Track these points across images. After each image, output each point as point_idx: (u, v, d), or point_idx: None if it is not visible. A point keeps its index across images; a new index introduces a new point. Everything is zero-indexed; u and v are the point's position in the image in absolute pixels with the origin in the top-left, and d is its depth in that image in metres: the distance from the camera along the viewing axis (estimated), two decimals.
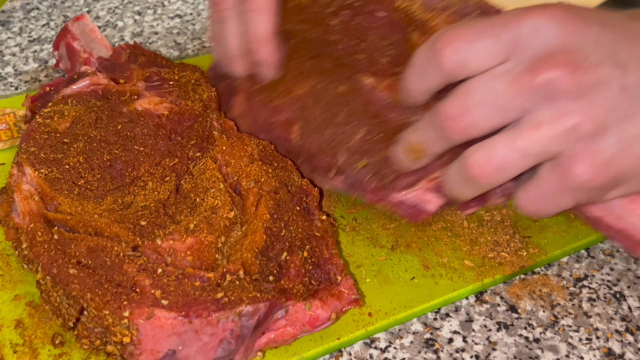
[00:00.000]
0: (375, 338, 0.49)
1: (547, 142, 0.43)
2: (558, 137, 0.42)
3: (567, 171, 0.43)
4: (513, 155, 0.43)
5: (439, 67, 0.44)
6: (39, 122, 0.55)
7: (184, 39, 0.80)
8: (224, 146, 0.53)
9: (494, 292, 0.53)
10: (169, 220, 0.49)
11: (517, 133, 0.43)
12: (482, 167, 0.44)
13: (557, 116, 0.42)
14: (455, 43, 0.44)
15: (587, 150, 0.42)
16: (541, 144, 0.43)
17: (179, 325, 0.42)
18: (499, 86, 0.43)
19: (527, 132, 0.43)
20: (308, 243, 0.48)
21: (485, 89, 0.43)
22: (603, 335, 0.50)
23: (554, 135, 0.42)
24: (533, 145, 0.43)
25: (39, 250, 0.46)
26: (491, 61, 0.43)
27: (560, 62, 0.41)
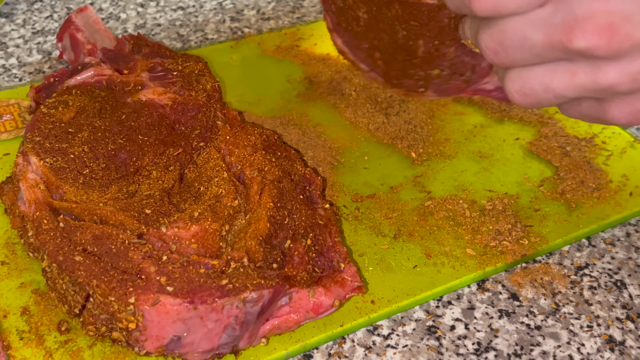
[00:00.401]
0: (378, 325, 0.50)
1: (582, 91, 0.42)
2: (595, 90, 0.42)
3: (603, 112, 0.43)
4: (547, 94, 0.43)
5: (472, 13, 0.43)
6: (43, 112, 0.56)
7: (186, 30, 0.80)
8: (227, 136, 0.54)
9: (496, 280, 0.53)
10: (174, 208, 0.49)
11: (554, 73, 0.42)
12: (515, 92, 0.44)
13: (594, 72, 0.41)
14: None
15: (625, 101, 0.42)
16: (576, 91, 0.42)
17: (184, 311, 0.42)
18: (535, 35, 0.41)
19: (564, 77, 0.42)
20: (311, 231, 0.49)
21: (522, 35, 0.41)
22: (604, 323, 0.50)
23: (591, 87, 0.41)
24: (568, 90, 0.42)
25: (45, 238, 0.46)
26: (528, 6, 0.41)
27: (598, 28, 0.39)
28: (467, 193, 0.59)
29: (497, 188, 0.59)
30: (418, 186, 0.59)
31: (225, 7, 0.85)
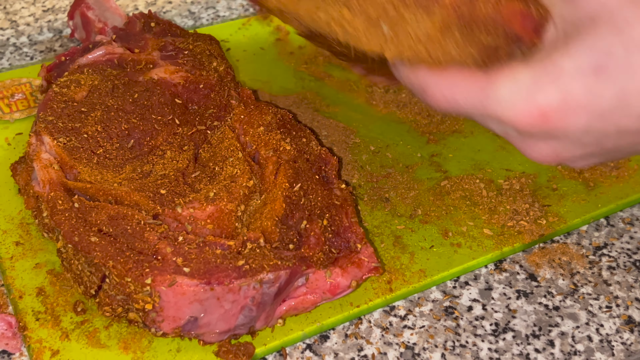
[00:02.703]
0: (395, 306, 0.49)
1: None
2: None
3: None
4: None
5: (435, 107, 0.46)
6: (55, 92, 0.55)
7: (198, 8, 0.79)
8: (242, 115, 0.53)
9: (513, 260, 0.53)
10: (189, 188, 0.49)
11: None
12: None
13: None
14: (442, 95, 0.44)
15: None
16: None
17: (200, 292, 0.42)
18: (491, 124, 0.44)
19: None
20: (327, 211, 0.48)
21: None
22: (623, 303, 0.50)
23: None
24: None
25: (60, 219, 0.46)
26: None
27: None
28: (484, 172, 0.58)
29: (515, 167, 0.59)
30: (434, 165, 0.59)
31: None
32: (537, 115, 0.40)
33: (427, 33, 0.44)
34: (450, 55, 0.44)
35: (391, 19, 0.45)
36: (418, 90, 0.45)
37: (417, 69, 0.45)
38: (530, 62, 0.41)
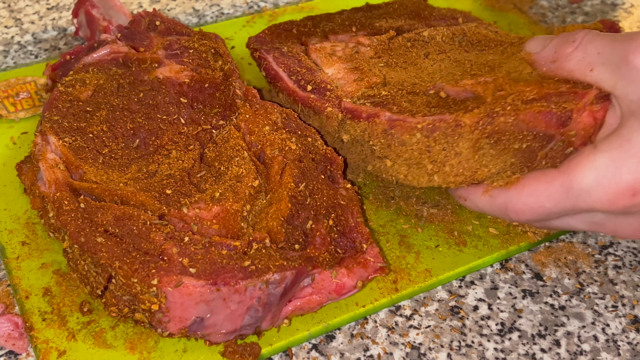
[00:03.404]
0: (401, 305, 0.49)
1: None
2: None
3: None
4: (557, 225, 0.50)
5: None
6: (60, 91, 0.55)
7: (202, 5, 0.79)
8: (247, 114, 0.53)
9: (519, 259, 0.53)
10: (194, 188, 0.49)
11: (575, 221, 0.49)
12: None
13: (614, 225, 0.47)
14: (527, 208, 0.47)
15: None
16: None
17: (207, 293, 0.42)
18: (577, 224, 0.49)
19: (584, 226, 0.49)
20: (333, 211, 0.48)
21: (566, 225, 0.50)
22: (629, 303, 0.50)
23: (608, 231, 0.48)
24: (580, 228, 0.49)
25: (66, 219, 0.46)
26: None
27: None
28: None
29: None
30: None
31: None
32: (627, 192, 0.43)
33: (464, 158, 0.46)
34: (491, 171, 0.46)
35: (428, 157, 0.48)
36: (498, 211, 0.48)
37: (492, 193, 0.48)
38: (603, 147, 0.44)
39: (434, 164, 0.48)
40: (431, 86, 0.52)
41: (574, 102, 0.46)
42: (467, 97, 0.50)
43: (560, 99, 0.47)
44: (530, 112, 0.46)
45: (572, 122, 0.46)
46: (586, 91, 0.46)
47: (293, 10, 0.77)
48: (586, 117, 0.46)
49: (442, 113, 0.48)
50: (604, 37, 0.46)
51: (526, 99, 0.47)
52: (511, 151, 0.47)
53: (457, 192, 0.51)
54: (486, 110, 0.47)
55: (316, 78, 0.55)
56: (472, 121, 0.47)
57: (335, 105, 0.52)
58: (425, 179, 0.49)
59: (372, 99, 0.52)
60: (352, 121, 0.51)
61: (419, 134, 0.48)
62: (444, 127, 0.47)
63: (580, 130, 0.46)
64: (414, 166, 0.49)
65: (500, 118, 0.46)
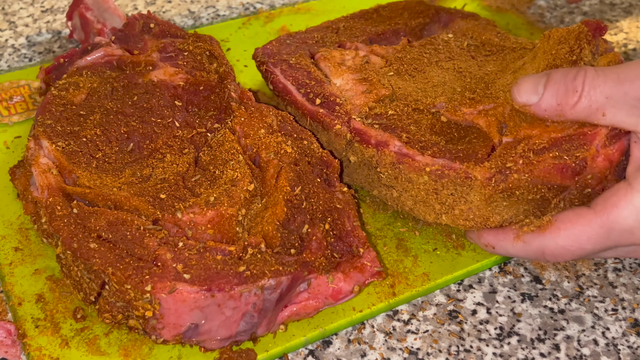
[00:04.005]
0: (398, 310, 0.49)
1: None
2: None
3: None
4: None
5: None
6: (54, 95, 0.55)
7: (197, 7, 0.79)
8: (242, 117, 0.53)
9: (518, 262, 0.52)
10: (189, 193, 0.48)
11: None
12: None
13: None
14: None
15: None
16: None
17: (201, 299, 0.42)
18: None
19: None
20: (329, 215, 0.48)
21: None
22: (629, 306, 0.49)
23: None
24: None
25: (58, 225, 0.45)
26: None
27: None
28: None
29: None
30: None
31: None
32: None
33: (475, 206, 0.47)
34: (504, 218, 0.47)
35: (436, 199, 0.48)
36: (533, 255, 0.47)
37: (525, 239, 0.47)
38: (639, 186, 0.44)
39: (442, 205, 0.48)
40: (432, 104, 0.52)
41: (586, 148, 0.46)
42: (470, 127, 0.50)
43: (571, 146, 0.46)
44: (544, 166, 0.45)
45: (588, 169, 0.46)
46: (595, 131, 0.46)
47: (289, 11, 0.76)
48: (602, 162, 0.46)
49: (452, 159, 0.47)
50: (606, 77, 0.44)
51: (537, 148, 0.46)
52: (525, 201, 0.47)
53: (483, 240, 0.49)
54: (497, 165, 0.46)
55: (325, 91, 0.54)
56: (484, 177, 0.46)
57: (345, 122, 0.52)
58: (432, 216, 0.49)
59: (380, 120, 0.51)
60: (360, 144, 0.51)
61: (426, 177, 0.47)
62: (453, 175, 0.47)
63: (596, 173, 0.46)
64: (421, 203, 0.49)
65: (514, 175, 0.46)
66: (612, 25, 0.77)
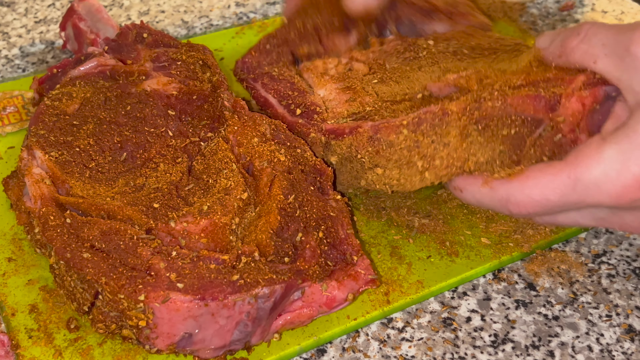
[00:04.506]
0: (393, 318, 0.49)
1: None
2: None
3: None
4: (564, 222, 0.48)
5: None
6: (47, 105, 0.55)
7: (191, 17, 0.79)
8: (235, 126, 0.53)
9: (512, 269, 0.52)
10: (182, 202, 0.48)
11: (582, 217, 0.47)
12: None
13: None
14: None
15: None
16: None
17: (195, 308, 0.42)
18: (583, 220, 0.47)
19: (591, 221, 0.47)
20: (323, 223, 0.48)
21: (571, 221, 0.48)
22: (623, 312, 0.49)
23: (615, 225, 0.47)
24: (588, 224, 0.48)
25: (51, 235, 0.45)
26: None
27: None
28: None
29: None
30: None
31: None
32: (634, 185, 0.41)
33: (453, 148, 0.46)
34: (480, 160, 0.46)
35: (418, 153, 0.48)
36: (498, 203, 0.46)
37: (493, 185, 0.46)
38: (611, 139, 0.42)
39: (424, 159, 0.48)
40: (413, 92, 0.52)
41: (562, 88, 0.46)
42: (451, 92, 0.50)
43: (548, 85, 0.46)
44: (518, 96, 0.45)
45: (561, 107, 0.45)
46: (574, 77, 0.46)
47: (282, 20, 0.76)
48: (575, 103, 0.45)
49: (427, 105, 0.48)
50: (608, 28, 0.45)
51: (513, 85, 0.47)
52: (500, 138, 0.46)
53: (454, 183, 0.49)
54: (473, 97, 0.46)
55: (306, 100, 0.54)
56: (459, 108, 0.46)
57: (318, 130, 0.52)
58: (417, 178, 0.49)
59: (356, 116, 0.51)
60: (336, 140, 0.51)
61: (405, 131, 0.47)
62: (430, 118, 0.47)
63: (568, 116, 0.46)
64: (405, 167, 0.49)
65: (488, 103, 0.46)
66: None
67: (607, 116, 0.46)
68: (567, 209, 0.45)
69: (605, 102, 0.46)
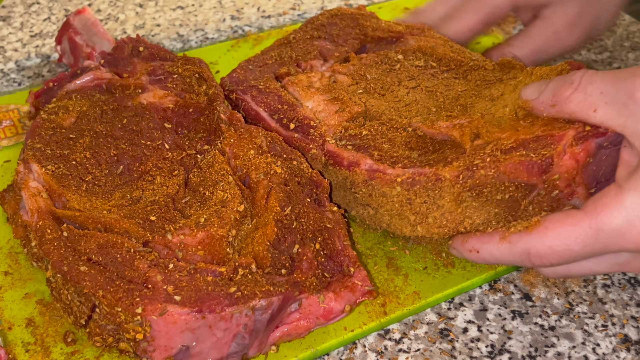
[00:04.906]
0: (390, 329, 0.49)
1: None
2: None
3: None
4: (580, 272, 0.49)
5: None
6: (43, 118, 0.55)
7: (186, 30, 0.79)
8: (232, 139, 0.53)
9: (508, 280, 0.52)
10: (179, 214, 0.48)
11: (598, 265, 0.48)
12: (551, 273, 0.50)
13: None
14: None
15: None
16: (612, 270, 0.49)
17: (192, 320, 0.42)
18: (599, 267, 0.48)
19: (609, 267, 0.48)
20: (320, 235, 0.48)
21: (587, 270, 0.48)
22: (619, 322, 0.50)
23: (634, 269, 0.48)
24: (605, 271, 0.48)
25: (48, 248, 0.45)
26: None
27: None
28: None
29: None
30: None
31: (225, 5, 0.84)
32: None
33: (447, 211, 0.46)
34: (475, 222, 0.47)
35: (410, 209, 0.48)
36: (519, 257, 0.47)
37: (511, 239, 0.46)
38: (629, 185, 0.43)
39: (417, 215, 0.48)
40: (408, 124, 0.52)
41: (553, 147, 0.46)
42: (445, 140, 0.50)
43: (539, 145, 0.46)
44: (510, 163, 0.46)
45: (555, 167, 0.46)
46: (563, 133, 0.46)
47: (277, 33, 0.77)
48: (568, 160, 0.46)
49: (422, 166, 0.48)
50: (604, 75, 0.45)
51: (504, 148, 0.47)
52: (494, 202, 0.47)
53: (467, 245, 0.48)
54: (466, 164, 0.47)
55: (298, 114, 0.55)
56: (452, 175, 0.46)
57: (319, 146, 0.52)
58: (408, 229, 0.49)
59: (354, 140, 0.51)
60: (334, 167, 0.51)
61: (399, 187, 0.48)
62: (424, 180, 0.47)
63: (563, 173, 0.46)
64: (396, 217, 0.49)
65: (481, 171, 0.46)
66: (596, 44, 0.78)
67: (600, 166, 0.47)
68: (589, 257, 0.46)
69: (597, 153, 0.46)
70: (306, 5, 0.84)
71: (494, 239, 0.47)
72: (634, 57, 0.76)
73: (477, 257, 0.48)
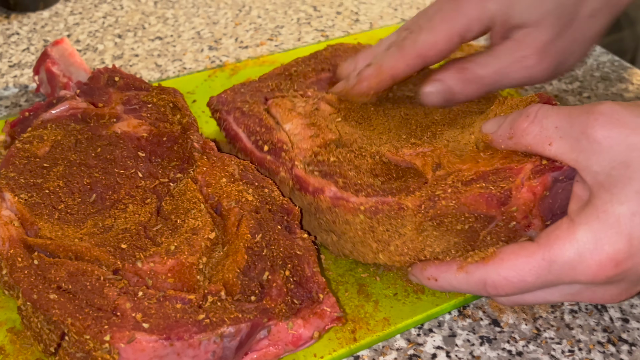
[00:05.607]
0: (359, 356, 0.49)
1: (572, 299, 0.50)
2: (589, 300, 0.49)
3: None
4: (533, 301, 0.50)
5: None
6: (18, 148, 0.55)
7: (164, 60, 0.80)
8: (204, 167, 0.53)
9: (477, 306, 0.53)
10: (150, 242, 0.49)
11: (551, 294, 0.49)
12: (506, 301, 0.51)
13: (592, 292, 0.48)
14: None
15: None
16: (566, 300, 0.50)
17: (160, 348, 0.42)
18: (552, 296, 0.49)
19: (562, 297, 0.49)
20: (290, 262, 0.48)
21: (540, 298, 0.49)
22: (585, 347, 0.50)
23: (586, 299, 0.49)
24: (559, 301, 0.50)
25: (19, 276, 0.45)
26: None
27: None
28: None
29: None
30: None
31: (203, 36, 0.85)
32: (609, 264, 0.43)
33: (408, 239, 0.48)
34: (435, 251, 0.48)
35: (372, 237, 0.49)
36: (475, 286, 0.48)
37: (468, 269, 0.48)
38: (581, 220, 0.44)
39: (379, 243, 0.49)
40: (376, 151, 0.53)
41: (511, 180, 0.47)
42: (408, 167, 0.51)
43: (498, 178, 0.47)
44: (470, 194, 0.47)
45: (512, 199, 0.47)
46: (521, 166, 0.47)
47: (254, 63, 0.78)
48: (525, 193, 0.47)
49: (385, 194, 0.49)
50: (558, 110, 0.46)
51: (465, 179, 0.48)
52: (454, 232, 0.48)
53: (426, 273, 0.49)
54: (428, 194, 0.48)
55: (273, 137, 0.56)
56: (414, 205, 0.47)
57: (288, 170, 0.53)
58: (370, 256, 0.50)
59: (321, 167, 0.52)
60: (299, 192, 0.52)
61: (362, 215, 0.49)
62: (386, 209, 0.48)
63: (520, 205, 0.47)
64: (359, 244, 0.50)
65: (442, 202, 0.47)
66: (567, 74, 0.80)
67: (556, 199, 0.48)
68: (543, 288, 0.47)
69: (553, 186, 0.47)
70: (283, 37, 0.85)
71: (452, 269, 0.48)
72: (604, 87, 0.78)
73: (436, 285, 0.49)
